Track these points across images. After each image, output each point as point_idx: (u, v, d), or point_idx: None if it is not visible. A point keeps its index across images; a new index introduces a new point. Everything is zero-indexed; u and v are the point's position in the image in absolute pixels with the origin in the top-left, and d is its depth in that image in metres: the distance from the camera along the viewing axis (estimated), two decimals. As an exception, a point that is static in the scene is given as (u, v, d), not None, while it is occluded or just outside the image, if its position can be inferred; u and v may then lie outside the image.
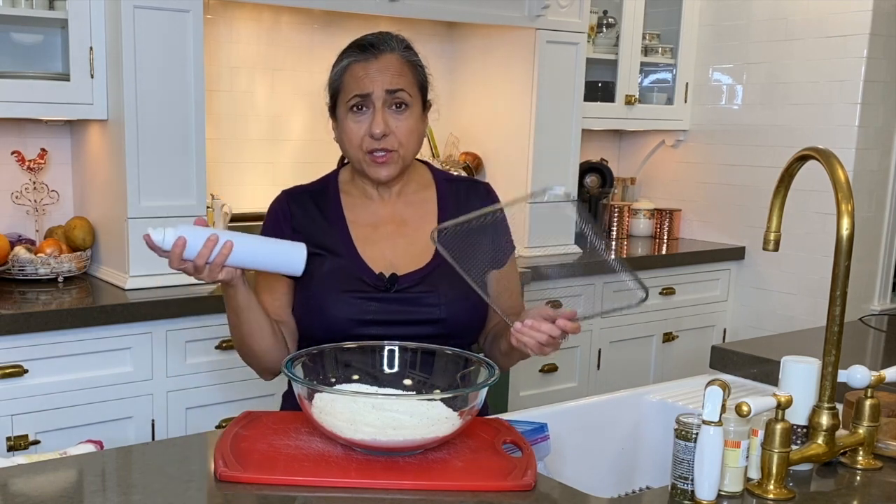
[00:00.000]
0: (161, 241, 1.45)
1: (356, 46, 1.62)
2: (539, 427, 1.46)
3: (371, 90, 1.57)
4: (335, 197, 1.67)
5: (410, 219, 1.66)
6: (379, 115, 1.57)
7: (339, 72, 1.62)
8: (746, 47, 3.76)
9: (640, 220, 4.03)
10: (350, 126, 1.60)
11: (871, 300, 3.61)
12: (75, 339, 2.30)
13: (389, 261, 1.61)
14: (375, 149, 1.57)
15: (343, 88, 1.61)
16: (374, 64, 1.58)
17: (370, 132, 1.57)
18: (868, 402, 1.38)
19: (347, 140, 1.61)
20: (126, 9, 2.41)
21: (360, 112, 1.59)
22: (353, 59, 1.61)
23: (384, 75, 1.58)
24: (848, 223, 1.29)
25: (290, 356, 1.37)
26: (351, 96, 1.58)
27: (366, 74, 1.58)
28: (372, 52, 1.59)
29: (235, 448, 1.29)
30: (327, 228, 1.63)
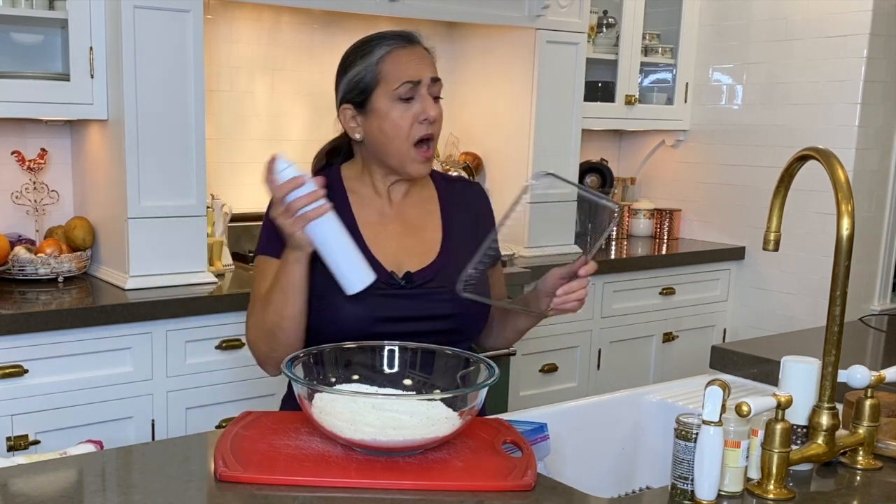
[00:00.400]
0: (282, 171, 1.41)
1: (390, 36, 1.59)
2: (539, 427, 1.46)
3: (422, 77, 1.56)
4: (341, 196, 1.64)
5: (415, 217, 1.67)
6: (430, 99, 1.57)
7: (377, 61, 1.57)
8: (746, 47, 3.76)
9: (640, 220, 4.04)
10: (397, 115, 1.55)
11: (871, 300, 3.61)
12: (75, 339, 2.30)
13: (399, 259, 1.61)
14: (424, 136, 1.57)
15: (385, 77, 1.56)
16: (414, 50, 1.58)
17: (423, 117, 1.55)
18: (868, 402, 1.38)
19: (393, 131, 1.56)
20: (126, 9, 2.41)
21: (408, 102, 1.56)
22: (392, 45, 1.57)
23: (427, 63, 1.58)
24: (848, 223, 1.29)
25: (290, 356, 1.37)
26: (400, 84, 1.54)
27: (411, 60, 1.56)
28: (408, 40, 1.59)
29: (235, 448, 1.29)
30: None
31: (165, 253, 2.54)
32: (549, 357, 3.30)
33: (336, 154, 1.73)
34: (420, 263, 1.62)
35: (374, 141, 1.60)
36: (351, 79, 1.59)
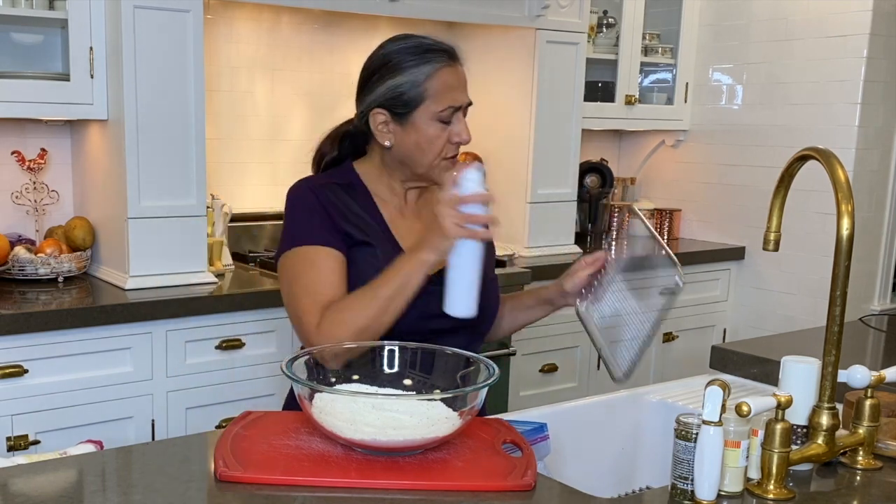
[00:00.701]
0: (473, 180, 1.44)
1: (438, 50, 1.58)
2: (538, 427, 1.46)
3: (463, 102, 1.59)
4: (365, 192, 1.65)
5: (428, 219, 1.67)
6: (465, 124, 1.60)
7: (424, 78, 1.56)
8: (746, 47, 3.76)
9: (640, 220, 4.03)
10: (433, 133, 1.57)
11: (871, 300, 3.61)
12: (75, 339, 2.30)
13: None
14: (453, 154, 1.60)
15: (433, 95, 1.56)
16: (457, 70, 1.60)
17: (458, 139, 1.58)
18: (868, 402, 1.38)
19: (427, 145, 1.58)
20: (126, 9, 2.41)
21: (445, 122, 1.58)
22: (443, 63, 1.57)
23: (465, 85, 1.61)
24: (848, 223, 1.29)
25: (290, 356, 1.37)
26: (444, 108, 1.56)
27: (458, 84, 1.59)
28: (455, 58, 1.60)
29: (235, 448, 1.29)
30: (369, 223, 1.62)
31: (165, 253, 2.54)
32: (549, 357, 3.30)
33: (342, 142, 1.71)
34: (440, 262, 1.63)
35: (406, 151, 1.60)
36: (393, 87, 1.57)
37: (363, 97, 1.62)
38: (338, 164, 1.70)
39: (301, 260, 1.57)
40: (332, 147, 1.72)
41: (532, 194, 3.35)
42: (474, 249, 1.45)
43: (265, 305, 2.56)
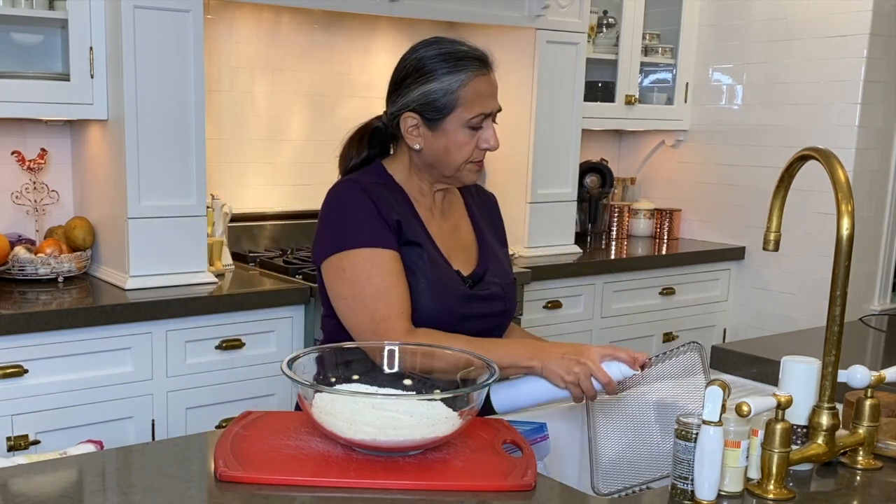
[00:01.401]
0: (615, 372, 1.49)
1: (473, 58, 1.59)
2: (538, 427, 1.46)
3: (494, 109, 1.61)
4: (401, 193, 1.66)
5: (453, 219, 1.74)
6: (494, 131, 1.61)
7: (459, 83, 1.57)
8: (746, 47, 3.76)
9: (640, 220, 4.03)
10: (463, 139, 1.59)
11: (871, 300, 3.61)
12: (75, 339, 2.30)
13: (452, 259, 1.67)
14: (480, 159, 1.63)
15: (465, 103, 1.57)
16: (489, 79, 1.61)
17: (486, 145, 1.60)
18: (868, 402, 1.38)
19: (456, 150, 1.60)
20: (126, 9, 2.41)
21: (476, 129, 1.60)
22: (476, 72, 1.58)
23: (496, 91, 1.63)
24: (848, 223, 1.29)
25: (290, 356, 1.37)
26: (475, 115, 1.58)
27: (489, 92, 1.60)
28: (488, 66, 1.61)
29: (235, 448, 1.29)
30: (412, 222, 1.63)
31: (165, 253, 2.54)
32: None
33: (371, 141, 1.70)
34: (467, 263, 1.69)
35: (435, 155, 1.62)
36: (426, 94, 1.58)
37: (395, 99, 1.62)
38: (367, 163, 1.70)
39: (367, 262, 1.56)
40: (360, 145, 1.71)
41: (532, 194, 3.35)
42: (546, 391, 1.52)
43: (265, 305, 2.56)
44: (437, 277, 1.60)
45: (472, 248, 1.73)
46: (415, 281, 1.58)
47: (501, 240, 1.84)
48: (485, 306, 1.66)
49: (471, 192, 1.81)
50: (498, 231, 1.84)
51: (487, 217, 1.82)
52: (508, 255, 1.83)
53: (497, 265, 1.73)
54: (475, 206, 1.80)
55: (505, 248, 1.84)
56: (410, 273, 1.58)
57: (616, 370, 1.48)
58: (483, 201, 1.84)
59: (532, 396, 1.54)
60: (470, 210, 1.78)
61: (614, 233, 4.02)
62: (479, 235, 1.75)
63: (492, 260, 1.72)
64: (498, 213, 1.86)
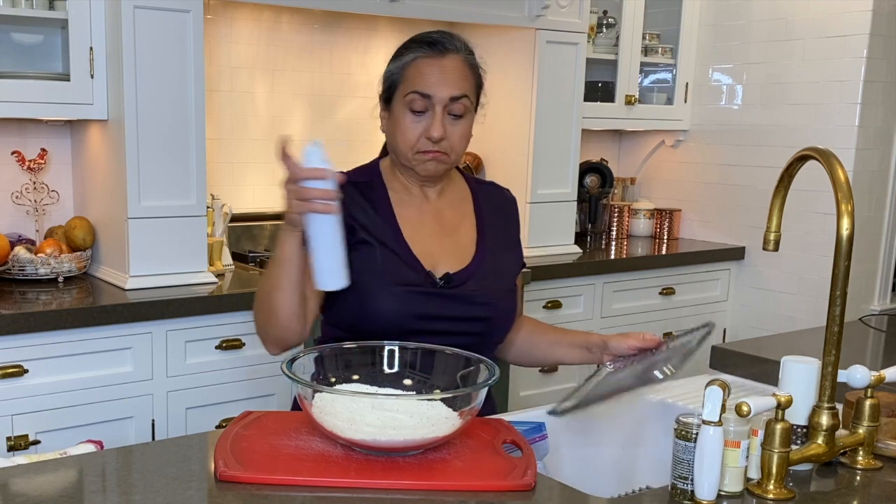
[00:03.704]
0: (311, 155, 1.41)
1: (422, 42, 1.59)
2: (537, 426, 1.46)
3: (434, 93, 1.56)
4: (382, 190, 1.66)
5: (451, 219, 1.69)
6: (439, 119, 1.56)
7: (403, 65, 1.59)
8: (746, 47, 3.76)
9: (640, 220, 4.03)
10: (407, 124, 1.57)
11: (871, 300, 3.62)
12: (75, 339, 2.30)
13: (436, 259, 1.63)
14: (429, 151, 1.58)
15: (404, 81, 1.58)
16: (440, 63, 1.57)
17: (428, 134, 1.56)
18: (868, 402, 1.38)
19: (401, 136, 1.59)
20: (126, 9, 2.41)
21: (419, 113, 1.57)
22: (419, 54, 1.58)
23: (449, 80, 1.57)
24: (848, 223, 1.29)
25: (290, 356, 1.37)
26: (410, 91, 1.56)
27: (432, 74, 1.56)
28: (439, 50, 1.58)
29: (235, 448, 1.29)
30: (378, 221, 1.62)
31: (165, 253, 2.54)
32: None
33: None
34: (456, 264, 1.63)
35: (390, 139, 1.63)
36: (385, 74, 1.63)
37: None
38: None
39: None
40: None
41: (532, 194, 3.35)
42: (325, 222, 1.40)
43: (265, 305, 2.56)
44: (389, 276, 1.57)
45: (468, 249, 1.67)
46: (371, 278, 1.57)
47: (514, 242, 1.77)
48: (457, 307, 1.60)
49: (486, 190, 1.77)
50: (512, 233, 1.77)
51: (504, 217, 1.76)
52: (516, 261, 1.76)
53: (492, 269, 1.66)
54: (487, 206, 1.74)
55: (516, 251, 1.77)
56: (367, 270, 1.56)
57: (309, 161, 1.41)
58: (499, 201, 1.78)
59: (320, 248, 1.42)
60: (478, 209, 1.73)
61: (614, 233, 4.02)
62: (482, 237, 1.70)
63: (486, 263, 1.66)
64: (515, 214, 1.80)
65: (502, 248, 1.72)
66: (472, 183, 1.76)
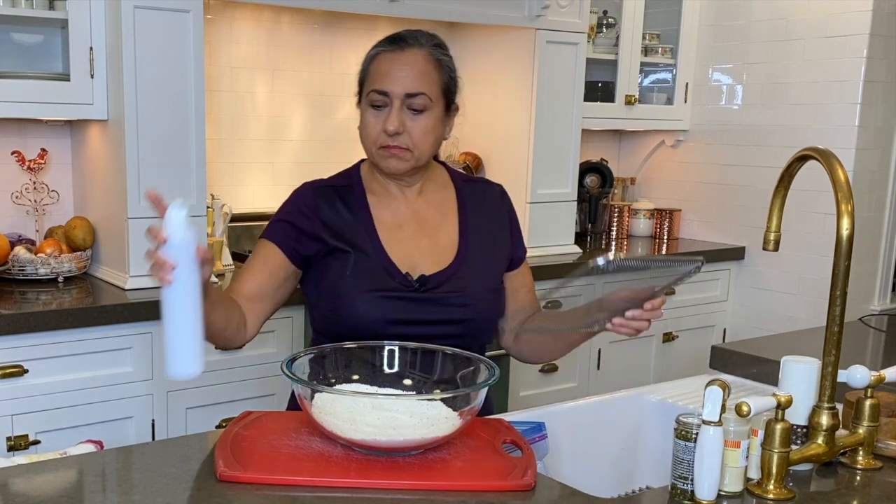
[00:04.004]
0: (168, 218, 1.32)
1: (387, 38, 1.61)
2: (536, 426, 1.46)
3: (390, 89, 1.56)
4: (361, 194, 1.66)
5: (432, 219, 1.67)
6: (395, 113, 1.56)
7: (367, 61, 1.62)
8: (746, 47, 3.76)
9: (640, 220, 4.03)
10: (368, 119, 1.60)
11: (871, 300, 3.61)
12: (75, 339, 2.30)
13: (414, 261, 1.62)
14: (389, 145, 1.58)
15: (368, 78, 1.61)
16: (398, 58, 1.58)
17: (385, 128, 1.56)
18: (868, 402, 1.38)
19: (364, 133, 1.61)
20: (126, 9, 2.41)
21: (379, 108, 1.58)
22: (381, 49, 1.60)
23: (406, 76, 1.56)
24: (848, 223, 1.29)
25: (289, 356, 1.37)
26: (370, 90, 1.58)
27: (389, 71, 1.57)
28: (399, 45, 1.59)
29: (235, 448, 1.29)
30: (354, 225, 1.62)
31: (165, 253, 2.54)
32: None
33: None
34: (435, 266, 1.62)
35: (360, 137, 1.64)
36: (358, 74, 1.65)
37: None
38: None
39: (256, 249, 1.65)
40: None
41: (532, 194, 3.35)
42: (174, 297, 1.28)
43: (265, 305, 2.56)
44: (362, 282, 1.57)
45: (449, 250, 1.65)
46: (341, 285, 1.58)
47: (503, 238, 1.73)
48: (433, 311, 1.58)
49: (473, 188, 1.74)
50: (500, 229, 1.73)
51: (491, 214, 1.72)
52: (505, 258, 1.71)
53: (475, 270, 1.64)
54: (471, 204, 1.71)
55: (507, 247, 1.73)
56: (338, 277, 1.59)
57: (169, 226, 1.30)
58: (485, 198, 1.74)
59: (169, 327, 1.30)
60: (462, 208, 1.70)
61: (614, 233, 4.01)
62: (464, 237, 1.66)
63: (468, 263, 1.63)
64: (504, 207, 1.75)
65: (488, 246, 1.69)
66: (457, 181, 1.74)
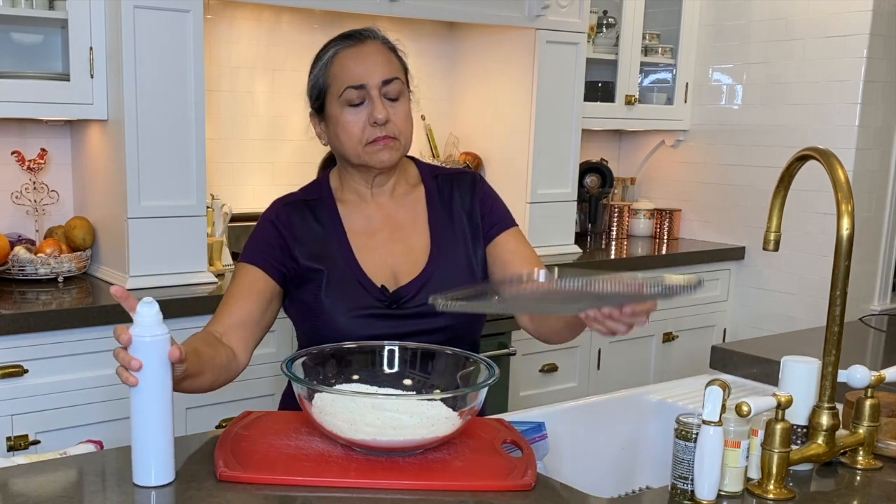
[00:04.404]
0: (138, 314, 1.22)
1: (338, 38, 1.58)
2: (536, 426, 1.46)
3: (366, 80, 1.53)
4: (331, 205, 1.63)
5: (403, 221, 1.64)
6: (378, 102, 1.53)
7: (325, 64, 1.56)
8: (746, 47, 3.76)
9: (640, 220, 4.03)
10: (348, 119, 1.54)
11: (871, 300, 3.61)
12: (75, 339, 2.30)
13: (390, 268, 1.60)
14: (378, 137, 1.54)
15: (333, 81, 1.55)
16: (363, 50, 1.55)
17: (373, 119, 1.52)
18: (868, 402, 1.38)
19: (346, 135, 1.55)
20: (126, 9, 2.41)
21: (357, 106, 1.53)
22: (338, 47, 1.56)
23: (377, 64, 1.54)
24: (848, 223, 1.29)
25: (289, 356, 1.37)
26: (344, 88, 1.53)
27: (357, 64, 1.53)
28: (358, 39, 1.56)
29: (235, 448, 1.29)
30: (326, 239, 1.60)
31: (165, 253, 2.54)
32: (549, 357, 3.30)
33: (332, 163, 1.72)
34: (409, 273, 1.60)
35: (335, 146, 1.60)
36: (310, 86, 1.60)
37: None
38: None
39: (236, 273, 1.61)
40: (321, 172, 1.75)
41: (532, 194, 3.35)
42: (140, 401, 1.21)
43: (265, 305, 2.56)
44: (337, 301, 1.56)
45: (422, 253, 1.61)
46: (318, 306, 1.57)
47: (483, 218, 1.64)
48: (412, 323, 1.56)
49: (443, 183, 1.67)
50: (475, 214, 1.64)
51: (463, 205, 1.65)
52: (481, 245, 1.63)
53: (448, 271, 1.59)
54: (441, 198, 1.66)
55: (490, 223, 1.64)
56: (313, 297, 1.57)
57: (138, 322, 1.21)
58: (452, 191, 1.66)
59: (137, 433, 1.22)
60: (430, 204, 1.65)
61: (614, 233, 4.01)
62: (434, 236, 1.62)
63: (440, 266, 1.59)
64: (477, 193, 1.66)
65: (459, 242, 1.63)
66: (427, 177, 1.68)
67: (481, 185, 1.70)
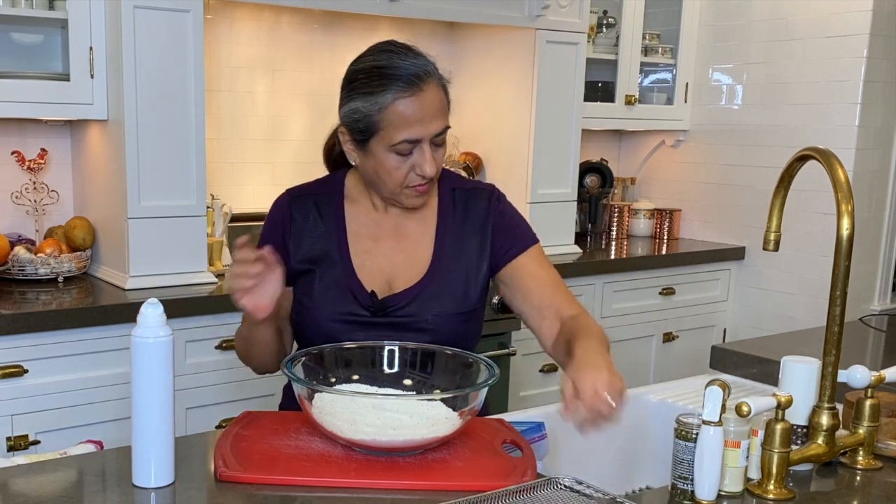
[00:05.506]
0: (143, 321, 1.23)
1: (395, 78, 1.46)
2: (536, 426, 1.46)
3: (423, 135, 1.47)
4: (339, 203, 1.62)
5: (411, 233, 1.62)
6: (429, 157, 1.48)
7: (381, 108, 1.46)
8: (746, 47, 3.76)
9: (640, 220, 4.03)
10: (392, 164, 1.49)
11: (871, 300, 3.61)
12: (75, 339, 2.30)
13: (386, 276, 1.59)
14: (418, 184, 1.52)
15: (387, 128, 1.46)
16: (421, 100, 1.46)
17: (421, 172, 1.49)
18: (868, 402, 1.38)
19: (388, 177, 1.51)
20: (126, 9, 2.41)
21: (405, 155, 1.48)
22: (399, 93, 1.45)
23: (435, 118, 1.48)
24: (848, 223, 1.29)
25: (289, 356, 1.37)
26: (399, 141, 1.46)
27: (416, 116, 1.46)
28: (417, 86, 1.46)
29: (235, 448, 1.29)
30: (325, 237, 1.60)
31: (165, 253, 2.54)
32: (549, 357, 3.30)
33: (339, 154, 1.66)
34: (404, 282, 1.58)
35: (368, 176, 1.57)
36: (351, 112, 1.51)
37: (340, 107, 1.55)
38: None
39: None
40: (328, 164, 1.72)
41: (532, 194, 3.35)
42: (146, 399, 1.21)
43: (265, 305, 2.56)
44: (324, 305, 1.56)
45: (422, 265, 1.59)
46: (303, 307, 1.59)
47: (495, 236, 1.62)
48: (393, 335, 1.53)
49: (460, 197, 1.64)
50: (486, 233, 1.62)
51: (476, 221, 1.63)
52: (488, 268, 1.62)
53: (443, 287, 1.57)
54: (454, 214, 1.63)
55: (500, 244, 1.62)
56: (303, 294, 1.59)
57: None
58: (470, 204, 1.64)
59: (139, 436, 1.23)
60: (442, 218, 1.62)
61: (614, 233, 4.01)
62: (437, 253, 1.59)
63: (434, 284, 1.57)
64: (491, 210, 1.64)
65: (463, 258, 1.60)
66: (444, 192, 1.64)
67: (496, 203, 1.66)
